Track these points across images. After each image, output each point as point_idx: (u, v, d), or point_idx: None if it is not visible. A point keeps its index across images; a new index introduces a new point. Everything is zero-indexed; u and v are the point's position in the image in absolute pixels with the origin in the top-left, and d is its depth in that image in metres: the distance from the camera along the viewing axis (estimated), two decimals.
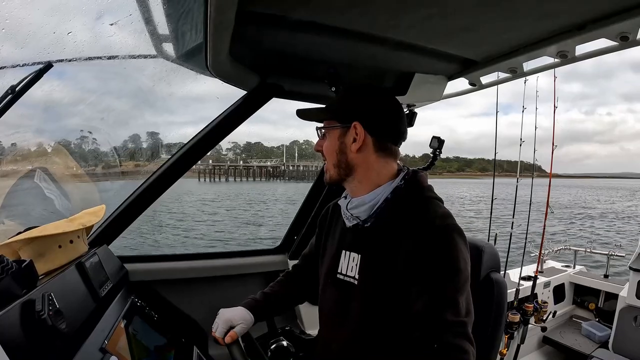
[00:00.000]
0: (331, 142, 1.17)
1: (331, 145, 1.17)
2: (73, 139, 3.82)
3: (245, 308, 1.28)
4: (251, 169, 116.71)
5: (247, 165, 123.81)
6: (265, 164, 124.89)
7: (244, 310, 1.27)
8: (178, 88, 2.00)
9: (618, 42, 1.23)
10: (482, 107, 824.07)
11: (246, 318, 1.25)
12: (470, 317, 0.98)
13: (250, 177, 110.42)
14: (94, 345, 0.98)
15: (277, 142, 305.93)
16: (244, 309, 1.28)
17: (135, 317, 1.30)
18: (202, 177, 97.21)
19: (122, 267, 1.66)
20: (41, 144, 1.83)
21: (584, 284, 3.78)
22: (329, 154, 1.18)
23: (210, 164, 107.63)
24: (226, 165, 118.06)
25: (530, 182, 3.69)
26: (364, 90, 1.18)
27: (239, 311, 1.27)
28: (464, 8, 1.16)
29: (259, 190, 53.76)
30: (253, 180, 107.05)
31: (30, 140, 1.79)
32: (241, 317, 1.24)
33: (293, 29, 1.29)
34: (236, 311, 1.26)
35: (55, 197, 1.62)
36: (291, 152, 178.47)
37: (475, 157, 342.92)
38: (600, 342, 3.26)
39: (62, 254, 1.27)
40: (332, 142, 1.17)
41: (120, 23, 1.26)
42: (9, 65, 1.28)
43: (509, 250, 3.36)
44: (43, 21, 1.22)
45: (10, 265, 0.91)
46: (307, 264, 1.44)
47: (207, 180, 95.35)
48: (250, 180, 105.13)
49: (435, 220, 1.04)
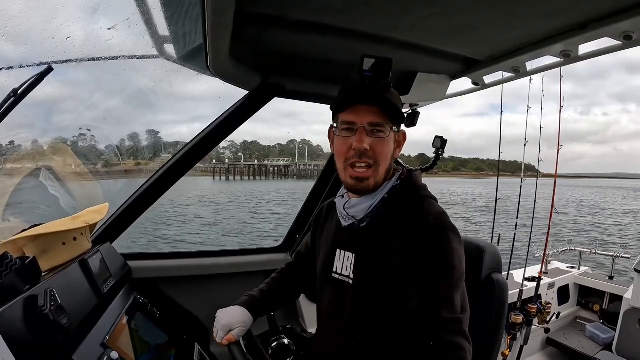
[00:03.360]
0: (388, 145, 1.10)
1: (388, 150, 1.11)
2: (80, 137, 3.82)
3: (243, 307, 1.27)
4: (263, 168, 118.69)
5: (261, 164, 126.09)
6: (278, 163, 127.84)
7: (242, 311, 1.26)
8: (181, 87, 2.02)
9: (621, 42, 1.22)
10: (476, 107, 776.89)
11: (245, 320, 1.24)
12: (465, 313, 0.98)
13: (263, 177, 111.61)
14: (95, 341, 0.99)
15: (273, 141, 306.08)
16: (241, 309, 1.27)
17: (137, 313, 1.32)
18: (218, 176, 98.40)
19: (126, 264, 1.68)
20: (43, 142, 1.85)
21: (588, 285, 3.75)
22: (384, 158, 1.09)
23: (227, 163, 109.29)
24: (242, 165, 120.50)
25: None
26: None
27: (238, 314, 1.25)
28: (467, 7, 1.16)
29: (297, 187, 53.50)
30: (266, 179, 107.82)
31: (32, 139, 1.81)
32: (240, 321, 1.23)
33: (294, 29, 1.29)
34: (235, 314, 1.25)
35: (59, 196, 1.64)
36: (290, 151, 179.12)
37: (470, 157, 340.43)
38: (604, 344, 3.24)
39: (66, 251, 1.28)
40: (389, 146, 1.10)
41: (120, 25, 1.27)
42: (14, 66, 1.30)
43: (512, 250, 3.34)
44: (44, 24, 1.23)
45: (14, 262, 0.92)
46: (301, 262, 1.44)
47: (223, 179, 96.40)
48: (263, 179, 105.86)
49: (429, 218, 1.04)
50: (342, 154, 1.10)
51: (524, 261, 3.59)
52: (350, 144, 1.07)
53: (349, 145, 1.07)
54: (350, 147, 1.07)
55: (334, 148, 1.15)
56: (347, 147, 1.08)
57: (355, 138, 1.06)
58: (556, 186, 3.50)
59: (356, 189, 1.11)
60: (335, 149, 1.14)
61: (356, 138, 1.06)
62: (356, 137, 1.06)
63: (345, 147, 1.08)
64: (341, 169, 1.13)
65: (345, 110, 1.09)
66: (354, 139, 1.06)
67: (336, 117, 1.13)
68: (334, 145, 1.15)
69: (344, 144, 1.09)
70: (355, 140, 1.06)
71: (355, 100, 1.07)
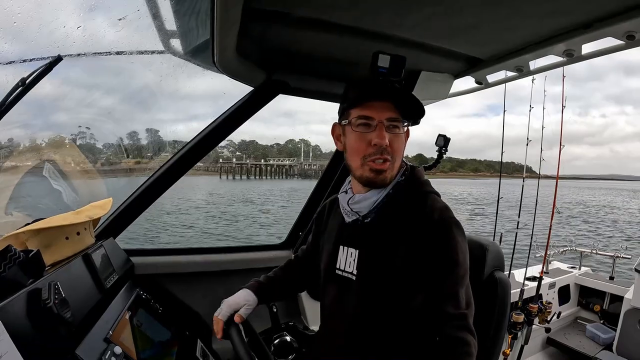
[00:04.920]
0: (402, 142, 1.10)
1: (403, 145, 1.11)
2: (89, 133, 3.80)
3: (249, 289, 1.27)
4: (270, 168, 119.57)
5: (268, 164, 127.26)
6: (284, 163, 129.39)
7: (247, 292, 1.26)
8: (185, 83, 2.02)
9: (624, 41, 1.22)
10: (473, 107, 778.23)
11: (249, 299, 1.24)
12: (470, 309, 0.98)
13: (270, 176, 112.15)
14: (98, 335, 0.99)
15: (271, 140, 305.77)
16: (246, 290, 1.27)
17: (140, 309, 1.32)
18: (225, 175, 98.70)
19: (128, 260, 1.68)
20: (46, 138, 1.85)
21: (589, 285, 3.75)
22: (399, 154, 1.10)
23: (234, 163, 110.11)
24: (248, 164, 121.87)
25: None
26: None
27: (242, 293, 1.25)
28: (470, 6, 1.16)
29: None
30: (271, 178, 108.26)
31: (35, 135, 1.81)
32: (244, 299, 1.23)
33: (299, 27, 1.30)
34: (239, 295, 1.25)
35: (62, 190, 1.64)
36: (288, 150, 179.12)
37: (467, 158, 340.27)
38: (604, 344, 3.24)
39: (69, 245, 1.28)
40: (403, 142, 1.11)
41: (128, 18, 1.28)
42: (20, 59, 1.30)
43: (514, 250, 3.34)
44: (53, 16, 1.23)
45: (18, 255, 0.92)
46: (306, 258, 1.44)
47: (229, 178, 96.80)
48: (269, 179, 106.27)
49: (433, 213, 1.04)
50: (360, 150, 1.07)
51: (525, 261, 3.59)
52: (368, 139, 1.05)
53: (368, 141, 1.05)
54: (369, 143, 1.05)
55: (348, 144, 1.12)
56: (365, 143, 1.06)
57: (376, 134, 1.04)
58: (555, 187, 3.51)
59: (375, 181, 1.09)
60: (351, 145, 1.10)
61: (377, 134, 1.04)
62: (376, 133, 1.04)
63: (364, 143, 1.06)
64: (357, 164, 1.09)
65: (359, 105, 1.07)
66: (373, 134, 1.04)
67: (347, 113, 1.10)
68: (348, 141, 1.12)
69: (362, 139, 1.06)
70: (376, 136, 1.04)
71: (374, 96, 1.05)
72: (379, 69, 1.04)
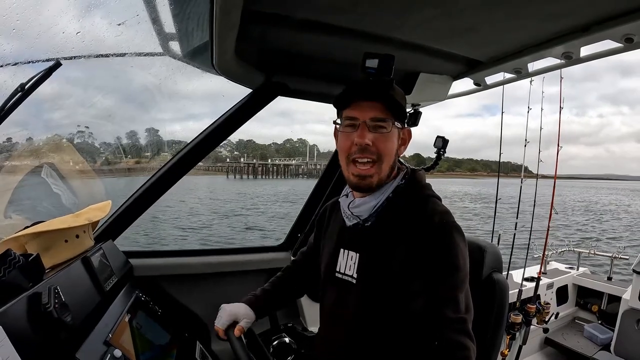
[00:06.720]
0: (392, 142, 1.09)
1: (392, 146, 1.10)
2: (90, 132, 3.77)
3: (247, 305, 1.29)
4: (275, 167, 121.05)
5: (274, 163, 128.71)
6: (290, 163, 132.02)
7: (246, 307, 1.28)
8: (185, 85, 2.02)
9: (623, 44, 1.23)
10: (469, 107, 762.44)
11: (249, 315, 1.26)
12: (470, 313, 0.99)
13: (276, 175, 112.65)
14: (98, 339, 0.99)
15: (268, 140, 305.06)
16: (245, 305, 1.29)
17: (139, 311, 1.32)
18: (232, 175, 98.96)
19: (127, 262, 1.68)
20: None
21: (587, 286, 3.77)
22: (387, 154, 1.08)
23: (242, 162, 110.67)
24: (255, 164, 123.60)
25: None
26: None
27: (242, 307, 1.27)
28: (470, 8, 1.16)
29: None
30: (277, 178, 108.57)
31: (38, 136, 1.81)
32: (245, 314, 1.25)
33: (298, 29, 1.29)
34: (239, 307, 1.27)
35: (61, 193, 1.63)
36: (286, 150, 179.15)
37: (464, 158, 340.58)
38: (602, 345, 3.25)
39: (68, 248, 1.28)
40: (392, 142, 1.09)
41: (127, 22, 1.27)
42: (20, 62, 1.29)
43: (512, 250, 3.34)
44: (53, 20, 1.23)
45: (18, 259, 0.92)
46: (306, 261, 1.44)
47: (236, 177, 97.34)
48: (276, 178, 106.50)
49: (434, 217, 1.04)
50: (345, 149, 1.09)
51: (523, 261, 3.59)
52: (352, 139, 1.06)
53: (351, 141, 1.06)
54: (352, 142, 1.06)
55: (337, 145, 1.15)
56: (349, 142, 1.07)
57: (357, 133, 1.05)
58: (553, 187, 3.51)
59: (360, 186, 1.10)
60: (339, 146, 1.13)
61: (357, 133, 1.05)
62: (358, 133, 1.05)
63: (348, 142, 1.08)
64: (344, 165, 1.12)
65: (348, 106, 1.08)
66: (355, 134, 1.06)
67: (340, 114, 1.12)
68: (338, 142, 1.15)
69: (347, 139, 1.08)
70: (357, 135, 1.05)
71: (358, 96, 1.07)
72: (368, 69, 1.05)
